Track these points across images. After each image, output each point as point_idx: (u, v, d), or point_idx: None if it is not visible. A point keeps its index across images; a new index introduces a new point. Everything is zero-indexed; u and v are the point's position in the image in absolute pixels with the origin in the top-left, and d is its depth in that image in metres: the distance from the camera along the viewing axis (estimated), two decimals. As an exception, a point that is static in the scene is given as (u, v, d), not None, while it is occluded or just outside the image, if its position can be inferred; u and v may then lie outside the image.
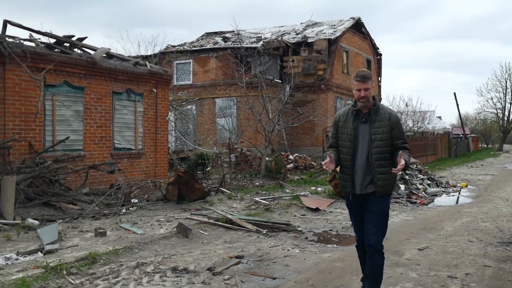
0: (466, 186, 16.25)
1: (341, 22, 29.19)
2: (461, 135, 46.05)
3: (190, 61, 25.88)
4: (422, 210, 11.03)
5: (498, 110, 52.58)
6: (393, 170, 4.29)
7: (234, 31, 27.12)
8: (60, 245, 6.55)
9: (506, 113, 52.36)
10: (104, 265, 5.71)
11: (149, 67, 12.99)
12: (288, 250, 6.83)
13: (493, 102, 52.01)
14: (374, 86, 4.34)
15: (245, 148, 20.26)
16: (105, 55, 12.15)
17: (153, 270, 5.61)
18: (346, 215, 9.45)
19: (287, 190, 13.42)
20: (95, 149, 11.32)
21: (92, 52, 11.93)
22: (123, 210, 9.51)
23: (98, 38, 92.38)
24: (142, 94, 12.66)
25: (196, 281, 5.26)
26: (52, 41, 11.00)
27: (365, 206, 4.47)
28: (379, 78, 33.15)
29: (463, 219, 9.61)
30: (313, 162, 20.48)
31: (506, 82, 50.82)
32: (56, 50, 10.76)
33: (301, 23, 30.61)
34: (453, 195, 14.08)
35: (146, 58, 19.05)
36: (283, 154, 20.12)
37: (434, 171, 19.90)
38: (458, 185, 16.36)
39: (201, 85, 25.28)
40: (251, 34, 29.22)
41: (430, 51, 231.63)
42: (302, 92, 22.86)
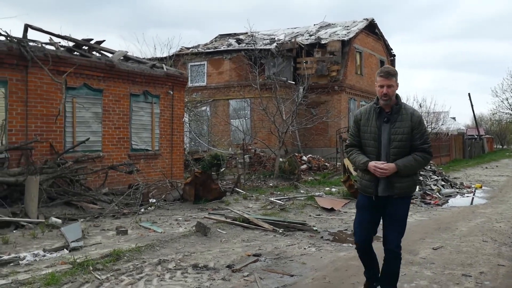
0: (481, 187, 16.22)
1: (354, 23, 29.19)
2: (475, 136, 45.71)
3: (204, 63, 26.13)
4: (436, 211, 11.08)
5: (514, 111, 52.05)
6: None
7: (247, 33, 27.34)
8: (84, 242, 6.78)
9: (522, 114, 51.82)
10: (127, 261, 5.92)
11: (165, 70, 13.21)
12: (304, 248, 6.97)
13: (508, 103, 51.37)
14: (398, 85, 4.37)
15: (259, 149, 20.41)
16: (122, 58, 12.41)
17: (174, 267, 5.80)
18: (360, 215, 9.53)
19: (302, 191, 13.56)
20: (114, 150, 11.57)
21: (110, 55, 12.19)
22: (142, 210, 9.74)
23: (114, 40, 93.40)
24: (159, 96, 12.89)
25: (216, 277, 5.43)
26: (71, 44, 11.26)
27: (385, 209, 4.36)
28: (393, 79, 33.00)
29: (478, 220, 9.66)
30: (326, 163, 20.57)
31: (522, 82, 50.29)
32: (75, 53, 11.02)
33: (314, 24, 30.66)
34: (467, 196, 14.08)
35: (162, 60, 19.37)
36: (297, 155, 20.24)
37: (448, 172, 19.86)
38: (473, 186, 16.32)
39: (215, 86, 25.50)
40: (265, 36, 29.39)
41: (443, 51, 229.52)
42: (316, 93, 22.92)
